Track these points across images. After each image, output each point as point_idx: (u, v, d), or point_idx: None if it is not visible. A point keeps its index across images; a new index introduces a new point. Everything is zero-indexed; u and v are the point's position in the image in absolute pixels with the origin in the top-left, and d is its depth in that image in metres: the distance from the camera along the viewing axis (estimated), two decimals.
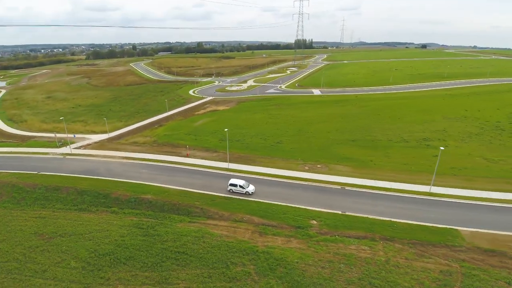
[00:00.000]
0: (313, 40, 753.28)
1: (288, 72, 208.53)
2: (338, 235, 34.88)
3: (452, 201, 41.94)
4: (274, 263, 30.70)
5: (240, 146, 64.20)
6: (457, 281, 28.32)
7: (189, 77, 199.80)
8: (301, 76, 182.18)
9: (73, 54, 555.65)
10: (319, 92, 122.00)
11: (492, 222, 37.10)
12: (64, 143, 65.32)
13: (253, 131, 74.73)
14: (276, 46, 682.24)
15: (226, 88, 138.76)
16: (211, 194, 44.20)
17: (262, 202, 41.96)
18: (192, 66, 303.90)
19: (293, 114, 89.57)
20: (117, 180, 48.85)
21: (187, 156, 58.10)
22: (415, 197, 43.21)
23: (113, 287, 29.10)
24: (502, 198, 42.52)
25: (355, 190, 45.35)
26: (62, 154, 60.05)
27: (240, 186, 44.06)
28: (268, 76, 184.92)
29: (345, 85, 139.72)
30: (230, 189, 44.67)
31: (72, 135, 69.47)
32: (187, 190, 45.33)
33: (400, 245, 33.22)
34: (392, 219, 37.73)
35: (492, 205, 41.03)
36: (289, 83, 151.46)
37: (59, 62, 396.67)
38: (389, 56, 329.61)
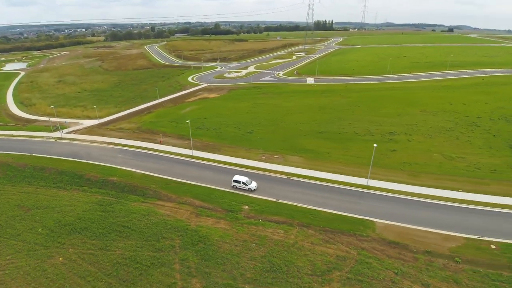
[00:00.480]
0: (333, 21, 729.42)
1: (294, 57, 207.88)
2: (261, 220, 39.91)
3: (382, 194, 45.50)
4: (197, 239, 36.39)
5: (213, 134, 69.35)
6: (348, 266, 32.78)
7: (196, 62, 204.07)
8: (305, 62, 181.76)
9: (93, 35, 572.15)
10: (313, 80, 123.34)
11: (412, 217, 40.48)
12: (58, 128, 73.06)
13: (231, 120, 79.33)
14: (295, 28, 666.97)
15: (224, 75, 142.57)
16: (167, 179, 50.13)
17: (207, 187, 47.41)
18: (203, 50, 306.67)
19: (277, 104, 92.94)
20: (93, 163, 55.80)
21: (160, 143, 64.10)
22: (351, 189, 47.05)
23: (66, 250, 35.99)
24: (437, 195, 45.27)
25: (299, 180, 49.71)
26: (54, 138, 67.91)
27: (243, 183, 46.50)
28: (272, 62, 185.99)
29: (342, 73, 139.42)
30: (234, 185, 47.14)
31: (64, 121, 77.17)
32: (148, 174, 51.53)
33: (313, 231, 37.82)
34: (317, 208, 42.13)
35: (422, 201, 44.16)
36: (288, 70, 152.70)
37: (78, 43, 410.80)
38: (408, 41, 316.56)
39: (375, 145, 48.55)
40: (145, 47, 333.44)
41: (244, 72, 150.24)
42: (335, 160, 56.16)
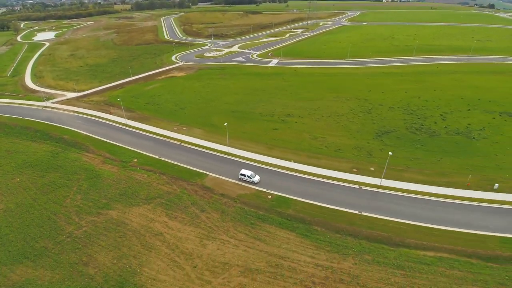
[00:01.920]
0: None
1: (287, 35, 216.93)
2: (139, 168, 61.98)
3: (231, 159, 65.05)
4: (93, 174, 59.61)
5: (153, 109, 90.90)
6: (168, 196, 53.94)
7: (196, 38, 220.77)
8: (290, 42, 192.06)
9: (123, 2, 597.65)
10: (275, 63, 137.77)
11: (233, 174, 59.48)
12: (45, 99, 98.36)
13: (178, 97, 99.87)
14: None
15: (205, 54, 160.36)
16: (99, 139, 73.36)
17: (119, 146, 69.93)
18: (214, 23, 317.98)
19: (224, 85, 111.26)
20: (57, 125, 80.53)
21: (110, 113, 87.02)
22: (215, 154, 67.11)
23: (22, 176, 60.89)
24: (267, 161, 63.34)
25: (186, 146, 70.45)
26: (41, 106, 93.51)
27: (248, 176, 57.12)
28: (261, 40, 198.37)
29: (314, 56, 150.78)
30: (240, 177, 57.94)
31: (51, 93, 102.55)
32: (89, 135, 75.14)
33: (165, 177, 59.19)
34: (180, 164, 63.08)
35: (250, 164, 62.70)
36: (267, 50, 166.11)
37: (105, 13, 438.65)
38: (424, 19, 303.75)
39: (225, 123, 67.29)
40: (162, 18, 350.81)
41: (225, 51, 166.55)
42: (225, 133, 75.53)
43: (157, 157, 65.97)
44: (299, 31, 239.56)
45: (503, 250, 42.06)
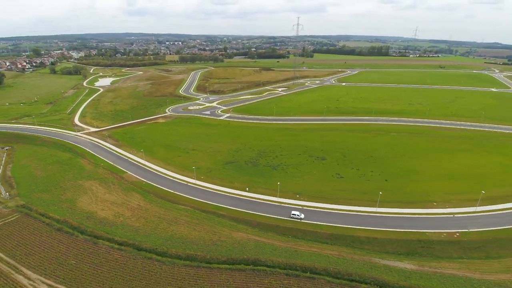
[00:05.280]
0: (427, 39, 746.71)
1: (265, 93, 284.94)
2: (102, 167, 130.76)
3: (143, 167, 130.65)
4: (82, 167, 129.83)
5: (129, 140, 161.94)
6: (101, 178, 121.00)
7: (199, 93, 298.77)
8: (259, 100, 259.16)
9: (177, 52, 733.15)
10: (224, 117, 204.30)
11: (143, 173, 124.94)
12: (79, 130, 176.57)
13: (147, 135, 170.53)
14: (350, 52, 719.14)
15: (189, 107, 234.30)
16: (92, 153, 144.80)
17: (99, 157, 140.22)
18: (227, 78, 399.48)
19: (180, 130, 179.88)
20: (77, 145, 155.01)
21: (106, 141, 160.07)
22: (132, 162, 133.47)
23: (51, 165, 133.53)
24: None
25: (127, 160, 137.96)
26: (74, 134, 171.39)
27: (297, 215, 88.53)
28: (240, 98, 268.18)
29: (258, 113, 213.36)
30: (292, 216, 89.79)
31: (83, 126, 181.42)
32: (89, 151, 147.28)
33: (109, 171, 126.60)
34: (117, 167, 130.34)
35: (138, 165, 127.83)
36: (233, 106, 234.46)
37: (155, 64, 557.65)
38: (409, 81, 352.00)
39: (141, 150, 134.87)
40: (192, 72, 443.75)
41: (205, 105, 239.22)
42: (158, 155, 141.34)
43: (115, 164, 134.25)
44: (280, 89, 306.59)
45: None
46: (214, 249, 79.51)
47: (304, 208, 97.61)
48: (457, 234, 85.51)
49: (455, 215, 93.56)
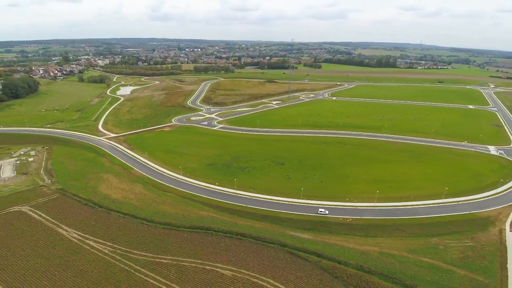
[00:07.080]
0: (447, 46, 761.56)
1: (260, 106, 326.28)
2: (116, 165, 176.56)
3: (147, 166, 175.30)
4: (102, 164, 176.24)
5: (139, 144, 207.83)
6: (113, 172, 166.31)
7: (203, 104, 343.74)
8: (252, 112, 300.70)
9: (194, 61, 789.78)
10: (217, 127, 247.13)
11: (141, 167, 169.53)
12: (101, 135, 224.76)
13: (153, 140, 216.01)
14: (359, 63, 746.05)
15: (191, 118, 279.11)
16: (110, 154, 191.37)
17: (115, 157, 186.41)
18: (233, 90, 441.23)
19: (180, 137, 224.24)
20: (99, 147, 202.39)
21: (121, 144, 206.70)
22: (138, 161, 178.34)
23: (80, 162, 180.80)
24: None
25: (141, 161, 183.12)
26: (99, 138, 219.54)
27: (323, 211, 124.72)
28: (236, 110, 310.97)
29: (246, 125, 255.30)
30: (319, 213, 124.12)
31: (105, 132, 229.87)
32: (108, 152, 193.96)
33: (121, 167, 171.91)
34: (127, 164, 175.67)
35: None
36: (228, 118, 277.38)
37: (171, 74, 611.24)
38: (398, 96, 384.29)
39: (147, 152, 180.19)
40: (203, 83, 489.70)
41: (205, 116, 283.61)
42: (159, 156, 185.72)
43: (126, 163, 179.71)
44: (274, 103, 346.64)
45: None
46: (184, 220, 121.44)
47: (253, 198, 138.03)
48: (350, 219, 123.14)
49: (358, 207, 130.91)
